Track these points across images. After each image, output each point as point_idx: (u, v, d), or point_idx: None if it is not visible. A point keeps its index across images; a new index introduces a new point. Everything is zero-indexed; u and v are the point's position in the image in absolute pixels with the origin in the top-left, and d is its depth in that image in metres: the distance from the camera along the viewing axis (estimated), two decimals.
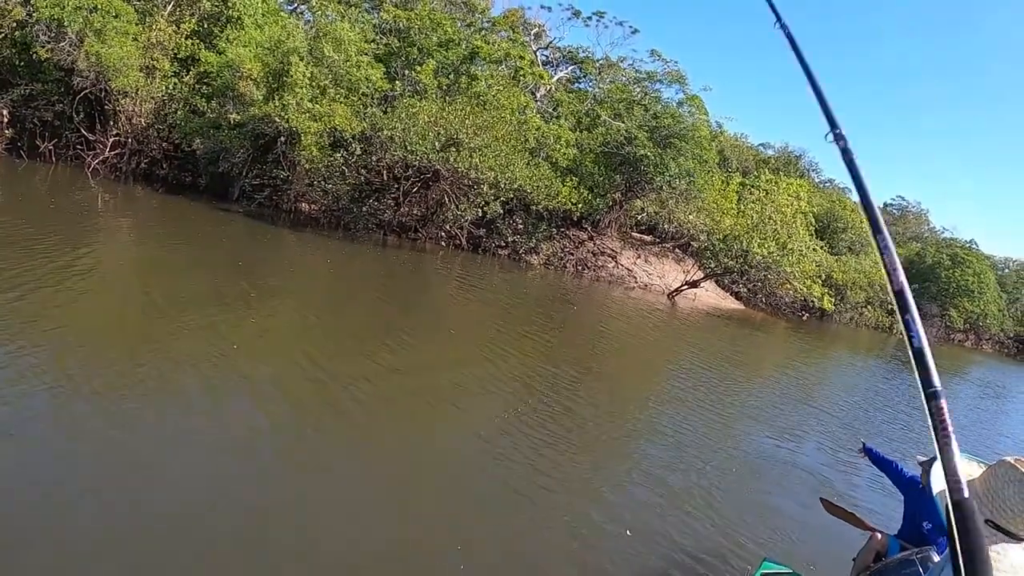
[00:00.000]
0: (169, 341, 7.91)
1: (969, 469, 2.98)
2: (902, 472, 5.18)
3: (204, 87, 20.78)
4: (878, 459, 5.44)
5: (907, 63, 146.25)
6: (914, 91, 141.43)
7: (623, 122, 25.89)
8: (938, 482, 2.76)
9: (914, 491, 4.99)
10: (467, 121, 19.73)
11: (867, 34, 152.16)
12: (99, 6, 18.70)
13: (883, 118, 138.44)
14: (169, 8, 20.60)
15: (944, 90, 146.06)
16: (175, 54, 20.63)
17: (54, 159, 20.09)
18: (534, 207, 23.45)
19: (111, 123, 20.10)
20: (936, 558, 4.06)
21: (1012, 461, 2.63)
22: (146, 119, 20.31)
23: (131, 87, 19.37)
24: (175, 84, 20.62)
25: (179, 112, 20.12)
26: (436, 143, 19.21)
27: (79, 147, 20.40)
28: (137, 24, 19.66)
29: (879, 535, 5.09)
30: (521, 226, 24.71)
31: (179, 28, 20.56)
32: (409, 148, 19.02)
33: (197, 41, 20.99)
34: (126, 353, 7.32)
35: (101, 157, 19.84)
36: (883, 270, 1.65)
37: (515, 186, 20.68)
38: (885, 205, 66.66)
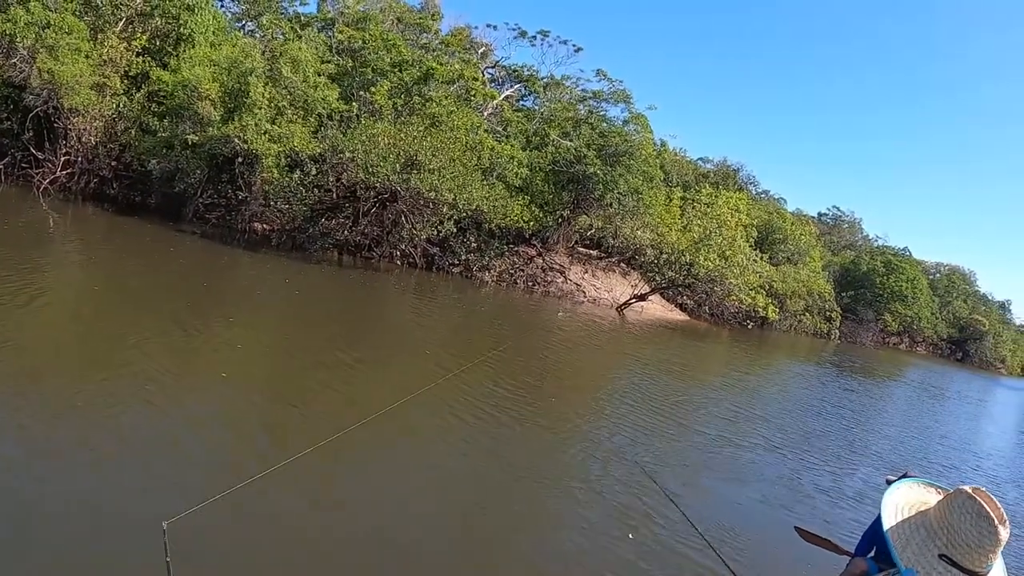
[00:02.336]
0: (109, 367, 8.33)
1: (925, 497, 3.30)
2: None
3: (155, 105, 21.61)
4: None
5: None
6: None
7: (571, 141, 27.79)
8: (888, 517, 3.15)
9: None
10: (425, 142, 21.18)
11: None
12: (52, 22, 19.45)
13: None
14: (121, 24, 21.36)
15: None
16: (126, 71, 21.38)
17: (2, 179, 20.62)
18: (486, 225, 25.06)
19: (60, 142, 20.73)
20: None
21: (970, 491, 2.76)
22: (96, 137, 21.02)
23: (82, 105, 20.05)
24: (124, 102, 21.37)
25: (132, 131, 20.90)
26: (397, 164, 20.57)
27: (24, 165, 20.96)
28: (88, 41, 20.36)
29: (859, 560, 5.07)
30: (474, 244, 26.28)
31: (130, 45, 21.33)
32: (370, 169, 20.33)
33: (148, 58, 21.83)
34: (58, 380, 7.60)
35: (51, 177, 20.45)
36: None
37: (473, 207, 22.22)
38: (819, 215, 70.77)
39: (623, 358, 19.84)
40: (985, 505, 2.68)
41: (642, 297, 30.96)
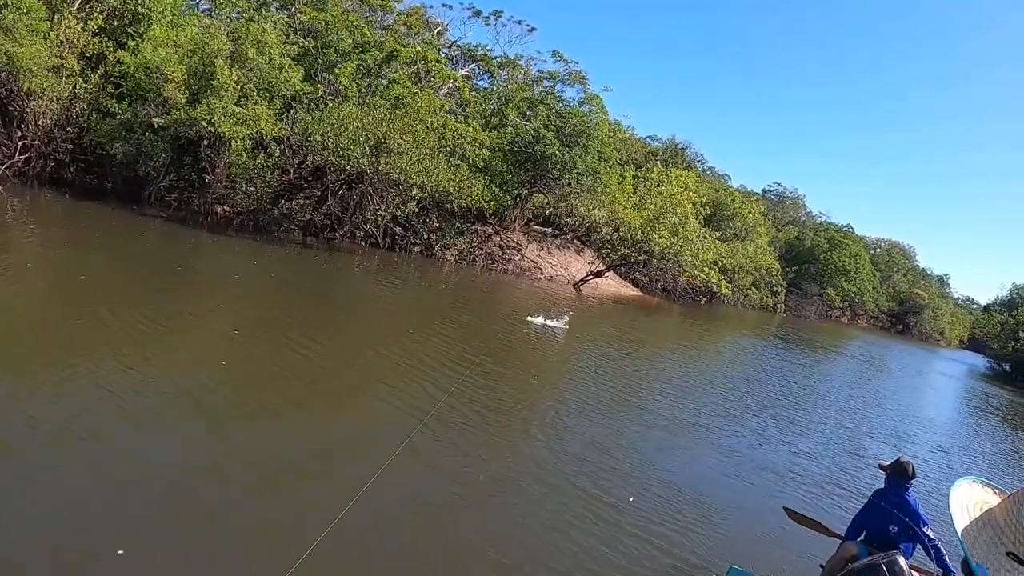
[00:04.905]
0: (102, 353, 8.80)
1: (984, 497, 3.48)
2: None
3: (112, 87, 22.22)
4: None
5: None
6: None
7: (529, 121, 29.42)
8: (957, 517, 3.38)
9: (877, 499, 5.57)
10: (392, 125, 22.47)
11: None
12: (9, 2, 19.89)
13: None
14: (77, 4, 21.89)
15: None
16: (82, 52, 21.92)
17: None
18: (448, 205, 26.53)
19: (15, 126, 21.21)
20: (902, 562, 4.39)
21: None
22: (52, 120, 21.56)
23: (40, 88, 20.57)
24: (80, 84, 21.91)
25: (93, 115, 21.53)
26: (366, 147, 21.82)
27: None
28: (46, 21, 20.81)
29: (849, 543, 5.50)
30: (436, 224, 27.77)
31: (87, 25, 21.87)
32: (341, 153, 21.56)
33: (104, 38, 22.38)
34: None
35: (9, 162, 20.97)
36: None
37: (439, 188, 23.67)
38: (764, 192, 74.19)
39: (581, 335, 21.37)
40: None
41: (598, 274, 33.04)
